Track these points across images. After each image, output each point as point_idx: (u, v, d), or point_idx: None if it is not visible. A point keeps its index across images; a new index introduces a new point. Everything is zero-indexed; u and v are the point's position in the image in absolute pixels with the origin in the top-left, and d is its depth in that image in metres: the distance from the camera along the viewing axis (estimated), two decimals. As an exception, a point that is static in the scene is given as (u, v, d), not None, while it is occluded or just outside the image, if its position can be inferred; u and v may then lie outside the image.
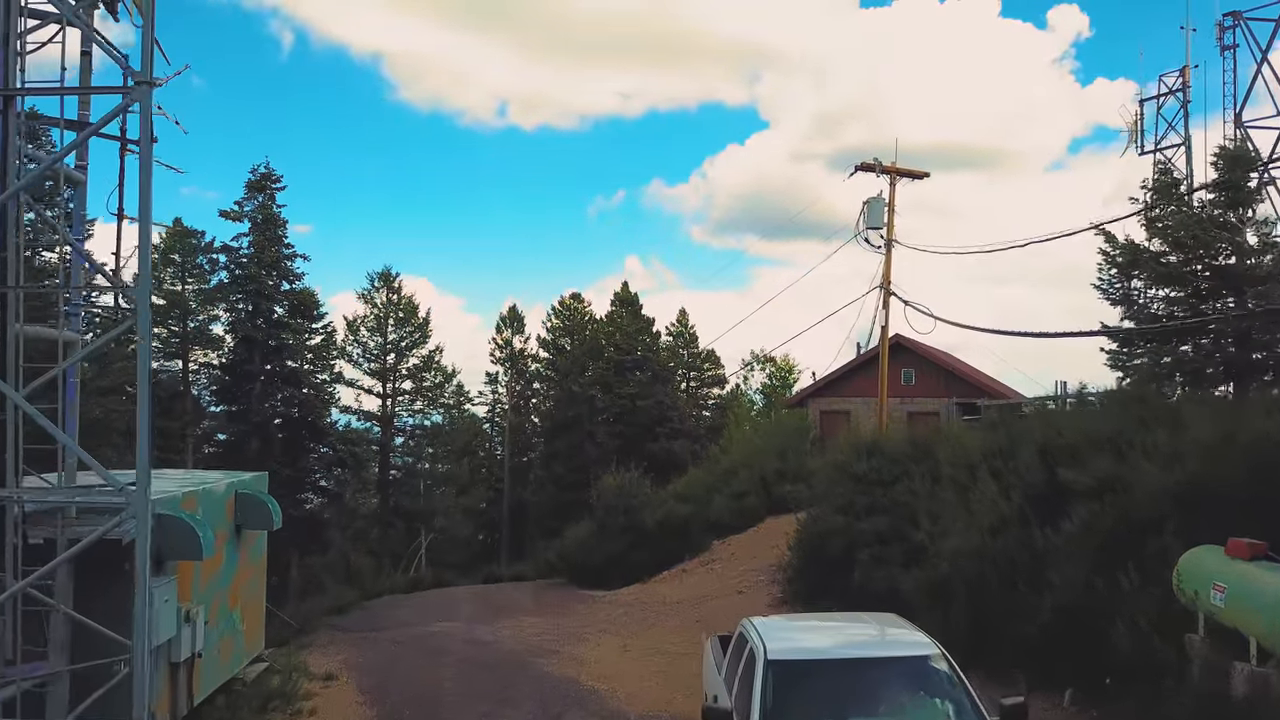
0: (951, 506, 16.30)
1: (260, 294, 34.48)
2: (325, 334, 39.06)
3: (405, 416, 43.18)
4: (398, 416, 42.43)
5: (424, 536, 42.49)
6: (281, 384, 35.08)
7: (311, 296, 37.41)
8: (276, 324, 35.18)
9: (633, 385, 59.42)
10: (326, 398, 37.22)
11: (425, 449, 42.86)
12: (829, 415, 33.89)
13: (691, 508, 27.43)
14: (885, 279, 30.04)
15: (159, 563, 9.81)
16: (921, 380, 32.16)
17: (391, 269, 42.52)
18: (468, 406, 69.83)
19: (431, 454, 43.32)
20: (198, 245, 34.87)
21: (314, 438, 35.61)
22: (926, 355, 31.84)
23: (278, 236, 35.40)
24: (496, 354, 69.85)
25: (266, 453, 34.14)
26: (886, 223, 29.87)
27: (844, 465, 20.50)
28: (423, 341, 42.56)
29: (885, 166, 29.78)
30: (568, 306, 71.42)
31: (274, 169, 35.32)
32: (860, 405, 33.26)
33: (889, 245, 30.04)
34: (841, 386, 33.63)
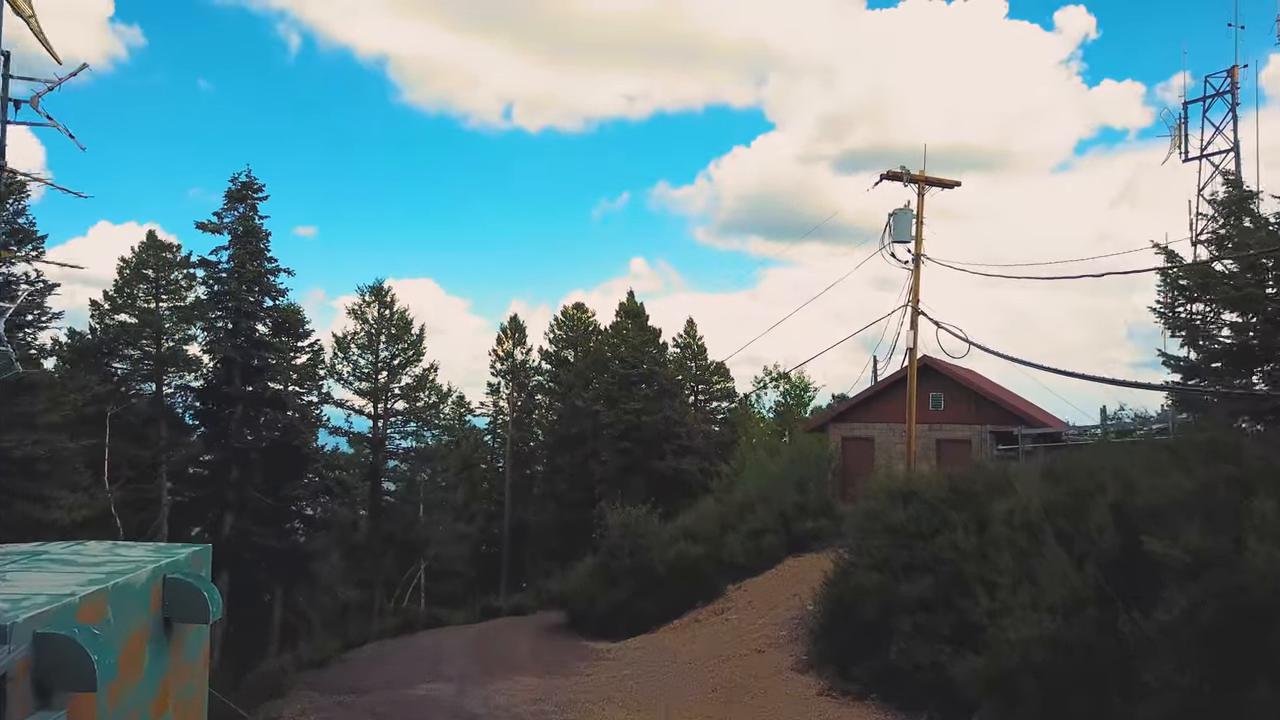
0: (1010, 574, 14.28)
1: (240, 311, 32.59)
2: (312, 352, 37.17)
3: (398, 439, 41.24)
4: (390, 439, 40.50)
5: (418, 565, 40.65)
6: (263, 407, 33.15)
7: (296, 313, 35.54)
8: (258, 343, 33.29)
9: (639, 400, 57.60)
10: (313, 420, 35.30)
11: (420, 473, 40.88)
12: (851, 442, 31.90)
13: (704, 548, 25.47)
14: (913, 297, 28.07)
15: (44, 694, 7.57)
16: (951, 405, 30.16)
17: (383, 281, 40.60)
18: (469, 418, 68.26)
19: (426, 478, 41.36)
20: (173, 259, 33.01)
21: (298, 465, 33.66)
22: (956, 378, 29.86)
23: (259, 249, 33.51)
24: (497, 365, 68.24)
25: (247, 481, 32.28)
26: (915, 236, 27.88)
27: (877, 513, 18.51)
28: (416, 359, 40.68)
29: (913, 175, 27.85)
30: (571, 317, 69.77)
31: (255, 177, 33.47)
32: (885, 431, 31.30)
33: (917, 261, 28.08)
34: (864, 411, 31.65)
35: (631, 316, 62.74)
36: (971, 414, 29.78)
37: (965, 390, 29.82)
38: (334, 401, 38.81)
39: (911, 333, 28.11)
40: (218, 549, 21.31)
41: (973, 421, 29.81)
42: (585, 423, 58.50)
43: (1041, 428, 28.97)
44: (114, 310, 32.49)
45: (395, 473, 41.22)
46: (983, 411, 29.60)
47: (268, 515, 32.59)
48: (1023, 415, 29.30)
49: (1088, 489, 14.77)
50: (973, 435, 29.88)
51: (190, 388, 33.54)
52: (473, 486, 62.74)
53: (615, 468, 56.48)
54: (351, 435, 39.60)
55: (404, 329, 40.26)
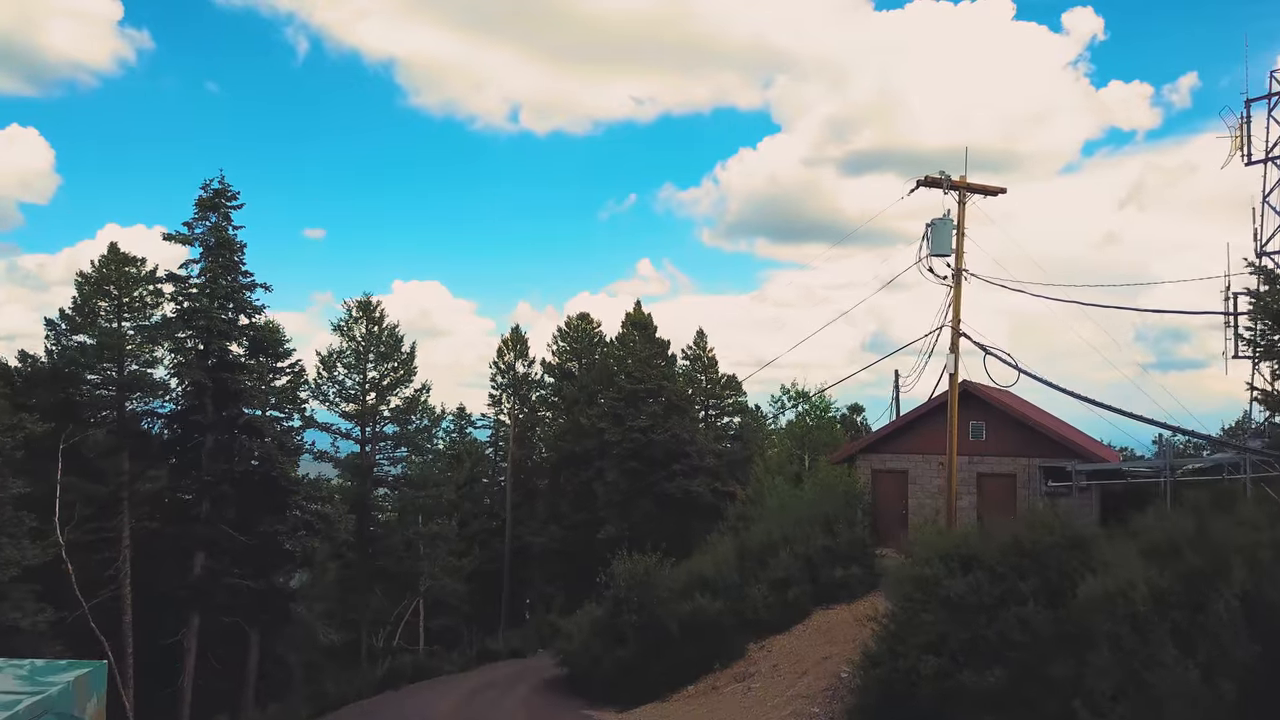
0: (1109, 677, 11.70)
1: (212, 330, 30.09)
2: (292, 373, 34.64)
3: (387, 464, 38.65)
4: (379, 465, 37.95)
5: (410, 601, 38.14)
6: (238, 435, 30.65)
7: (274, 332, 33.05)
8: (231, 365, 30.77)
9: (646, 417, 55.09)
10: (294, 447, 32.75)
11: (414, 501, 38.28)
12: (883, 475, 29.34)
13: (721, 603, 22.84)
14: (954, 318, 25.58)
15: None
16: (994, 435, 27.59)
17: (371, 295, 38.07)
18: (470, 430, 66.03)
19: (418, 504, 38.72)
20: (137, 274, 30.53)
21: (276, 497, 31.16)
22: (999, 405, 27.26)
23: (233, 263, 31.02)
24: (499, 379, 65.97)
25: (219, 516, 29.80)
26: (955, 249, 25.35)
27: (930, 582, 15.93)
28: (407, 379, 38.17)
29: (954, 181, 25.38)
30: (575, 327, 67.42)
31: (229, 184, 30.95)
32: (920, 464, 28.75)
33: (958, 276, 25.60)
34: (897, 441, 29.10)
35: (639, 328, 60.28)
36: (1016, 445, 27.22)
37: (1009, 419, 27.25)
38: (318, 425, 36.36)
39: (951, 356, 25.58)
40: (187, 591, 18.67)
41: (1017, 453, 27.25)
42: (590, 441, 56.12)
43: (1096, 461, 26.37)
44: (72, 330, 30.08)
45: (385, 501, 38.66)
46: (1029, 442, 27.03)
47: (242, 553, 30.13)
48: (1073, 447, 26.72)
49: (1203, 569, 12.17)
50: (1018, 469, 27.31)
51: (156, 415, 31.08)
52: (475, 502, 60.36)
53: (621, 489, 54.04)
54: (338, 461, 37.10)
55: (394, 346, 37.78)
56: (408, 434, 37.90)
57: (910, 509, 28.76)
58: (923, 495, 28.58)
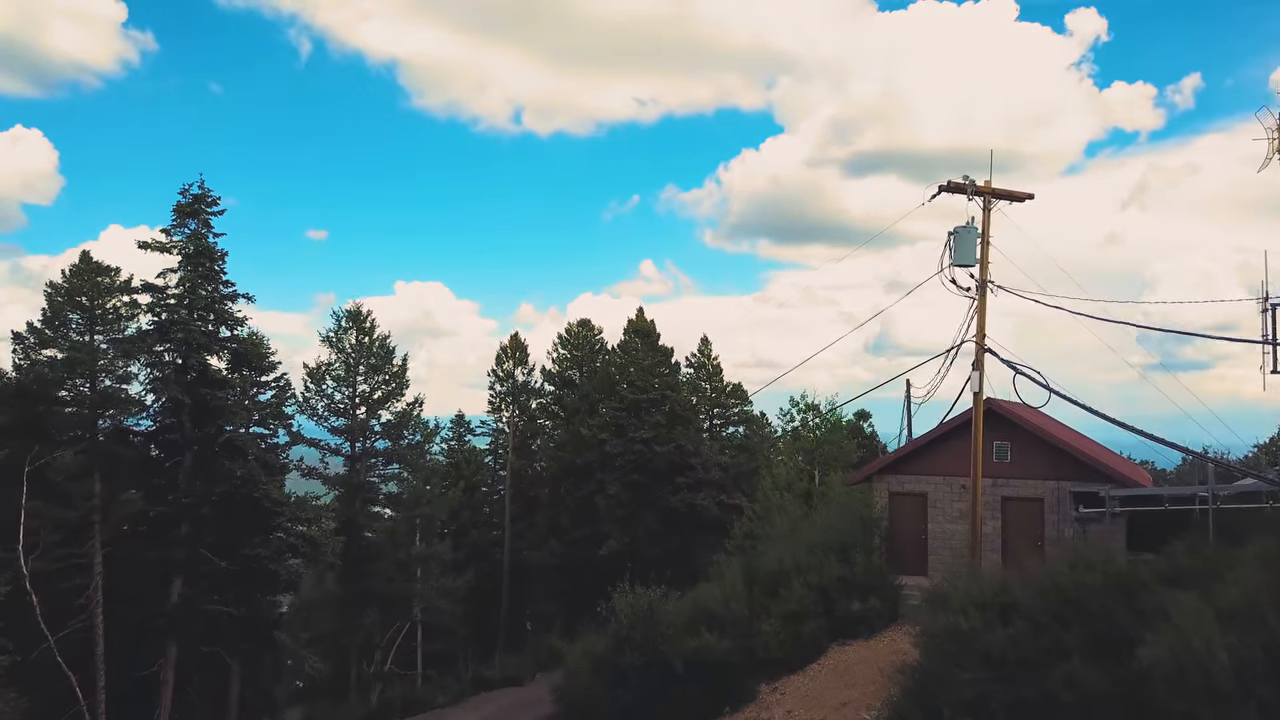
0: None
1: (190, 343, 28.66)
2: (277, 387, 33.19)
3: (377, 482, 37.15)
4: (369, 483, 36.46)
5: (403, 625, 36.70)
6: (218, 454, 29.21)
7: (258, 344, 31.59)
8: (211, 380, 29.34)
9: (649, 428, 53.69)
10: (278, 465, 31.29)
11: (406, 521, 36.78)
12: (900, 498, 27.86)
13: (730, 640, 21.39)
14: (979, 332, 24.20)
15: None
16: (1019, 456, 26.11)
17: (361, 306, 36.64)
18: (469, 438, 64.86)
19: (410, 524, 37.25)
20: (111, 284, 29.11)
21: (260, 519, 29.73)
22: (1025, 424, 25.78)
23: (214, 272, 29.58)
24: (497, 387, 64.70)
25: (198, 540, 28.38)
26: (980, 259, 23.95)
27: (967, 636, 14.46)
28: (399, 393, 36.73)
29: (979, 186, 24.02)
30: (576, 334, 65.97)
31: (209, 189, 29.52)
32: (940, 486, 27.28)
33: (982, 289, 24.22)
34: (916, 462, 27.63)
35: (641, 335, 58.87)
36: (1043, 467, 25.74)
37: (1035, 439, 25.77)
38: (305, 440, 34.92)
39: (976, 374, 24.15)
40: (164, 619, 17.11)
41: (1045, 476, 25.77)
42: (590, 452, 54.73)
43: (1129, 485, 24.88)
44: (41, 345, 28.65)
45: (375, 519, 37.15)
46: (1057, 464, 25.55)
47: (223, 579, 28.70)
48: (1105, 469, 25.23)
49: None
50: (1045, 493, 25.83)
51: (131, 433, 29.64)
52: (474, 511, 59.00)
53: (623, 502, 52.66)
54: (327, 478, 35.65)
55: (385, 358, 36.35)
56: (399, 450, 36.45)
57: (930, 534, 27.32)
58: (944, 520, 27.13)
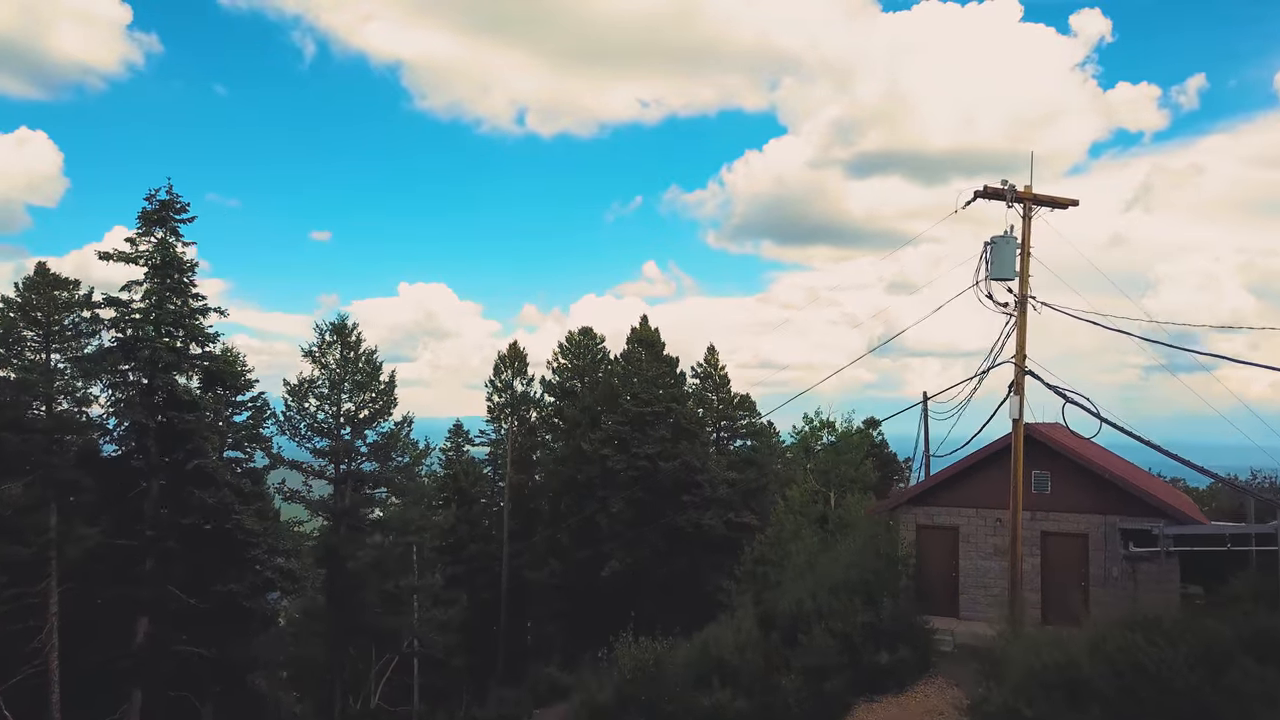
0: None
1: (156, 362, 26.63)
2: (254, 408, 31.08)
3: (363, 508, 34.97)
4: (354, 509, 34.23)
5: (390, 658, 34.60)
6: (187, 482, 27.16)
7: (231, 362, 29.52)
8: (180, 402, 27.30)
9: (653, 443, 51.61)
10: (253, 493, 29.18)
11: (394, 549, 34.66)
12: (929, 532, 25.79)
13: (745, 700, 19.34)
14: (1018, 353, 22.10)
15: None
16: (1061, 487, 24.06)
17: (347, 319, 34.52)
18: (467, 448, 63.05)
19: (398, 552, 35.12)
20: (70, 298, 27.08)
21: (233, 552, 27.67)
22: (1067, 452, 23.68)
23: (183, 285, 27.55)
24: (495, 398, 62.70)
25: (165, 576, 26.35)
26: (1019, 273, 21.86)
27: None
28: (386, 411, 34.62)
29: (1020, 192, 21.90)
30: (577, 343, 63.86)
31: (179, 195, 27.47)
32: (973, 520, 25.21)
33: (1022, 305, 22.16)
34: (946, 493, 25.56)
35: (645, 345, 56.74)
36: (1087, 499, 23.68)
37: (1078, 469, 23.69)
38: (286, 463, 32.85)
39: (1015, 399, 22.04)
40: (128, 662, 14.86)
41: (1089, 509, 23.72)
42: (592, 468, 52.65)
43: (1183, 520, 22.76)
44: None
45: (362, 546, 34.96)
46: (1102, 497, 23.48)
47: (193, 617, 26.69)
48: (1156, 503, 23.13)
49: None
50: (1089, 528, 23.73)
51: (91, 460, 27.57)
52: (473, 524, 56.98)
53: (626, 521, 50.57)
54: (310, 503, 33.57)
55: (371, 375, 34.29)
56: (387, 473, 34.35)
57: (962, 571, 25.25)
58: (977, 556, 25.05)
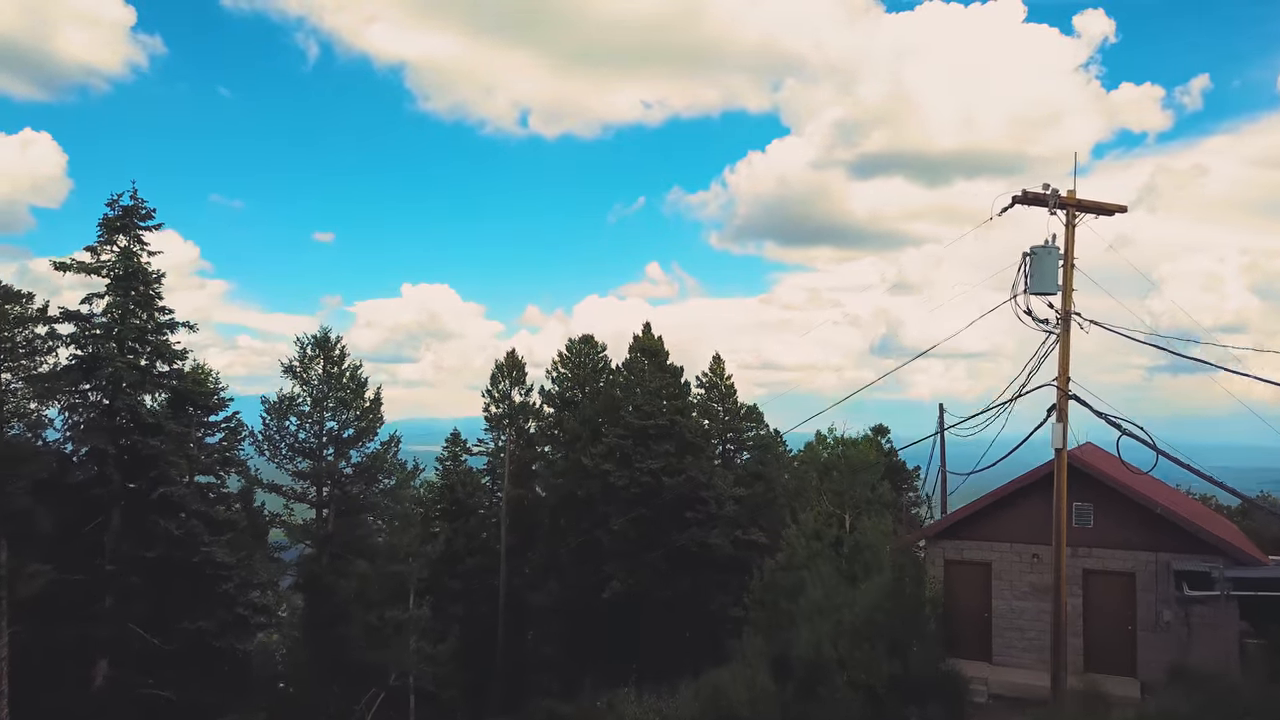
0: None
1: (119, 381, 24.69)
2: (228, 429, 29.09)
3: (346, 532, 32.86)
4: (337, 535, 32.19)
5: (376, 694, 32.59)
6: (151, 512, 25.19)
7: (202, 381, 27.54)
8: (144, 425, 25.33)
9: (657, 458, 49.64)
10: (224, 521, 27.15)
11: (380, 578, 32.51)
12: (959, 568, 23.84)
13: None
14: (1061, 375, 20.10)
15: None
16: (1105, 522, 22.11)
17: (331, 332, 32.46)
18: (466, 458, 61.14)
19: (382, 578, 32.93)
20: (24, 313, 25.07)
21: (202, 587, 25.71)
22: (1112, 482, 21.71)
23: (148, 297, 25.61)
24: (493, 409, 60.69)
25: (126, 614, 24.41)
26: (1063, 287, 19.88)
27: None
28: (371, 431, 32.62)
29: (1063, 197, 19.87)
30: (577, 351, 61.72)
31: (144, 200, 25.51)
32: (1007, 555, 23.26)
33: (1066, 322, 20.14)
34: (978, 525, 23.61)
35: (648, 354, 54.72)
36: (1135, 535, 21.74)
37: (1125, 501, 21.73)
38: (264, 486, 30.85)
39: (1058, 426, 20.02)
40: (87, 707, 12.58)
41: (1137, 545, 21.78)
42: (593, 483, 50.70)
43: (1244, 559, 20.77)
44: (-64, 386, 24.72)
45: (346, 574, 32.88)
46: (1151, 532, 21.54)
47: (158, 658, 24.75)
48: (1212, 540, 21.15)
49: None
50: (1137, 566, 21.76)
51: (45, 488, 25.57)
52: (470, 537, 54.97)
53: (628, 540, 48.60)
54: (290, 526, 31.59)
55: (356, 392, 32.26)
56: (372, 496, 32.34)
57: (995, 611, 23.29)
58: (1011, 595, 23.08)
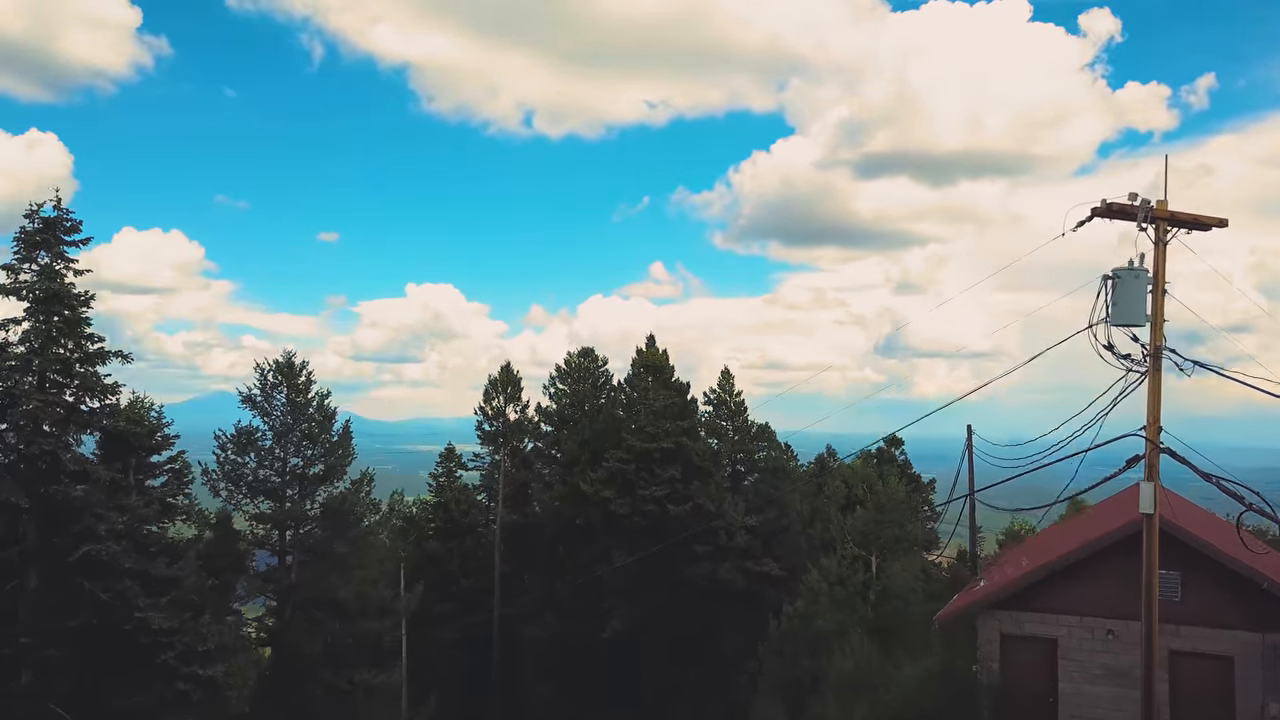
0: None
1: (37, 423, 21.45)
2: (172, 472, 25.77)
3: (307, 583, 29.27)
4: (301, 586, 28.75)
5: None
6: (74, 572, 21.92)
7: (139, 419, 24.19)
8: (67, 471, 22.07)
9: (662, 484, 46.40)
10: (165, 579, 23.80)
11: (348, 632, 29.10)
12: (1018, 643, 20.48)
13: None
14: (1150, 423, 16.73)
15: None
16: (1196, 594, 18.79)
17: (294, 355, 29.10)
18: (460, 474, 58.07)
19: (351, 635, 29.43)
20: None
21: (136, 659, 22.44)
22: (1206, 548, 18.35)
23: (74, 322, 22.35)
24: (486, 426, 57.46)
25: (44, 691, 21.15)
26: (1152, 318, 16.51)
27: None
28: (340, 468, 29.24)
29: (1155, 210, 16.47)
30: (577, 367, 58.41)
31: (70, 210, 22.23)
32: (1076, 631, 19.94)
33: (1156, 360, 16.73)
34: (1040, 595, 20.22)
35: (652, 370, 51.46)
36: (1234, 611, 18.46)
37: (1222, 571, 18.41)
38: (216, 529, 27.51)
39: (1149, 486, 16.67)
40: None
41: (1236, 624, 18.49)
42: (593, 510, 47.45)
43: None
44: None
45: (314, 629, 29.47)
46: (1255, 608, 18.21)
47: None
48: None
49: None
50: (1236, 649, 18.41)
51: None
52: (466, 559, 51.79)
53: (631, 573, 45.32)
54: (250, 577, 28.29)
55: (323, 425, 28.91)
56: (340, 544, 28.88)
57: (1061, 696, 19.99)
58: (1080, 678, 19.75)
